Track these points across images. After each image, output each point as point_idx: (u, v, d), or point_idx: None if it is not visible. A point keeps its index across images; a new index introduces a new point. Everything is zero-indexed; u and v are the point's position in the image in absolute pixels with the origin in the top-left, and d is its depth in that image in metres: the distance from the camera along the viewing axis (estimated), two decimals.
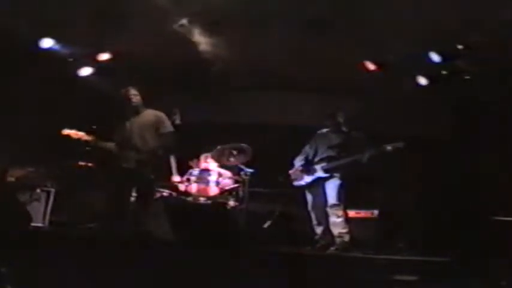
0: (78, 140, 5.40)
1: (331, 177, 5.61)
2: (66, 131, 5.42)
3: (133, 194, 5.37)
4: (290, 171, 6.02)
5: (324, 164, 5.69)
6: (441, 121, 7.02)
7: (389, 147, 5.42)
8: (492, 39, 5.79)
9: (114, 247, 4.13)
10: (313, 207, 5.76)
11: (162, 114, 5.57)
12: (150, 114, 5.57)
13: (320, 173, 5.68)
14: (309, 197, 5.83)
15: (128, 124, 5.43)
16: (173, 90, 7.58)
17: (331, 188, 5.57)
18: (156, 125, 5.48)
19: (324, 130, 5.99)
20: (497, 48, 5.97)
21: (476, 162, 6.55)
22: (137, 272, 3.77)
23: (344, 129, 5.85)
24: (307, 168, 5.83)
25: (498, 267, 3.88)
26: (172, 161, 6.53)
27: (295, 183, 5.95)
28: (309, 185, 5.82)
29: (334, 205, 5.50)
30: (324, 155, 5.76)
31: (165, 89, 7.37)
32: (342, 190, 5.54)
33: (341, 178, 5.57)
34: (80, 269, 3.79)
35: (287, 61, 7.01)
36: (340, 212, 5.48)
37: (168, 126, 5.50)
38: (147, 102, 5.65)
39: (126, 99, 5.50)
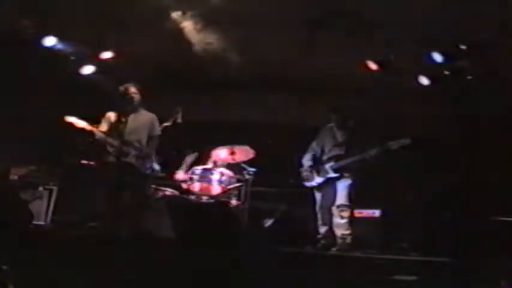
0: (82, 130, 5.47)
1: (341, 176, 5.58)
2: (69, 119, 5.48)
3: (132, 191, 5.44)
4: (301, 170, 5.97)
5: (332, 163, 5.65)
6: (442, 121, 7.00)
7: (394, 145, 5.39)
8: (493, 39, 5.79)
9: (113, 247, 4.15)
10: (321, 206, 5.74)
11: (155, 117, 5.79)
12: (146, 114, 5.76)
13: (330, 173, 5.64)
14: (318, 196, 5.81)
15: (127, 120, 5.47)
16: (173, 90, 7.60)
17: (342, 188, 5.55)
18: (150, 127, 5.70)
19: (329, 125, 5.96)
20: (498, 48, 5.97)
21: (476, 162, 6.54)
22: (137, 272, 3.80)
23: (349, 124, 5.83)
24: (318, 168, 5.80)
25: (498, 267, 3.88)
26: (188, 158, 6.61)
27: (307, 184, 5.91)
28: (319, 185, 5.80)
29: (341, 205, 5.48)
30: (332, 154, 5.74)
31: (165, 89, 7.38)
32: (352, 191, 5.52)
33: (352, 178, 5.55)
34: (79, 269, 3.81)
35: (288, 60, 7.02)
36: (346, 213, 5.46)
37: (158, 130, 5.72)
38: (147, 102, 5.74)
39: (126, 97, 5.58)
